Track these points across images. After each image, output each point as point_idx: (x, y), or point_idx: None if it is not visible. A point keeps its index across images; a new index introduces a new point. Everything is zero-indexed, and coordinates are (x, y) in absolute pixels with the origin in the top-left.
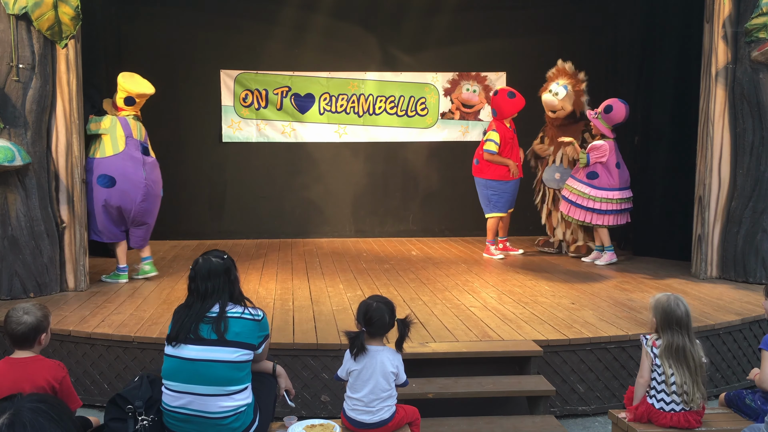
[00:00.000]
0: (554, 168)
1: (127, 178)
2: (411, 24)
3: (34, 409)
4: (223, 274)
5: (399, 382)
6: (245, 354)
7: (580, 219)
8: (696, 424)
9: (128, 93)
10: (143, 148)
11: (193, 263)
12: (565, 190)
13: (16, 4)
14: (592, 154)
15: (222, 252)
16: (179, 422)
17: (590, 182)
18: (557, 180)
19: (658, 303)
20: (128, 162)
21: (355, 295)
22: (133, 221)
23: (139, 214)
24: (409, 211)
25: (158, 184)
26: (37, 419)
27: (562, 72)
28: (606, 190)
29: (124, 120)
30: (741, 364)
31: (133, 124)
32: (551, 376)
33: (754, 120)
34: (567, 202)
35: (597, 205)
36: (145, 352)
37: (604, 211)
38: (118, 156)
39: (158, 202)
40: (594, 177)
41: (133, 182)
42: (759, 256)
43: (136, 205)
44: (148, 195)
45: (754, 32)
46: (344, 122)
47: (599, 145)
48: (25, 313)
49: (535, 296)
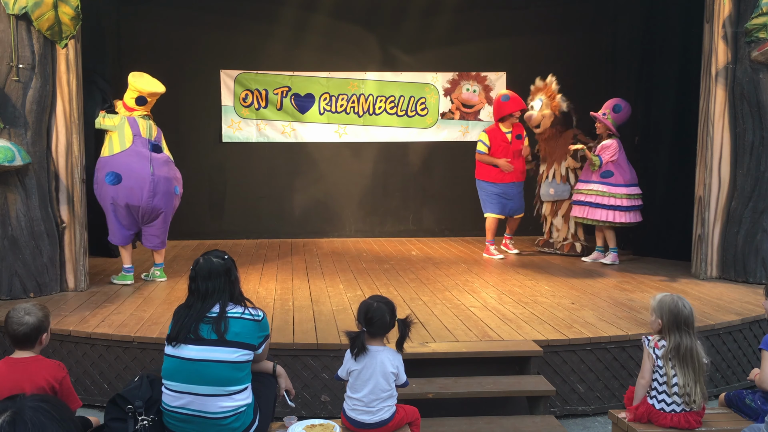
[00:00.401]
0: (548, 183)
1: (132, 173)
2: (411, 24)
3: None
4: (224, 275)
5: (399, 382)
6: (245, 354)
7: (601, 219)
8: (696, 425)
9: (139, 92)
10: (153, 146)
11: (194, 263)
12: (579, 194)
13: (16, 4)
14: (603, 154)
15: (223, 252)
16: (179, 422)
17: (606, 181)
18: (551, 195)
19: (663, 304)
20: (134, 158)
21: (355, 295)
22: (143, 218)
23: (149, 210)
24: (409, 211)
25: (170, 181)
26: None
27: (535, 91)
28: (623, 186)
29: (132, 119)
30: (741, 364)
31: (142, 123)
32: (551, 376)
33: (754, 120)
34: (583, 206)
35: (618, 202)
36: (145, 352)
37: (625, 208)
38: (124, 153)
39: (172, 199)
40: (609, 176)
41: (139, 178)
42: (759, 256)
43: (143, 201)
44: (156, 191)
45: (754, 32)
46: (344, 122)
47: (609, 144)
48: (26, 314)
49: (535, 296)
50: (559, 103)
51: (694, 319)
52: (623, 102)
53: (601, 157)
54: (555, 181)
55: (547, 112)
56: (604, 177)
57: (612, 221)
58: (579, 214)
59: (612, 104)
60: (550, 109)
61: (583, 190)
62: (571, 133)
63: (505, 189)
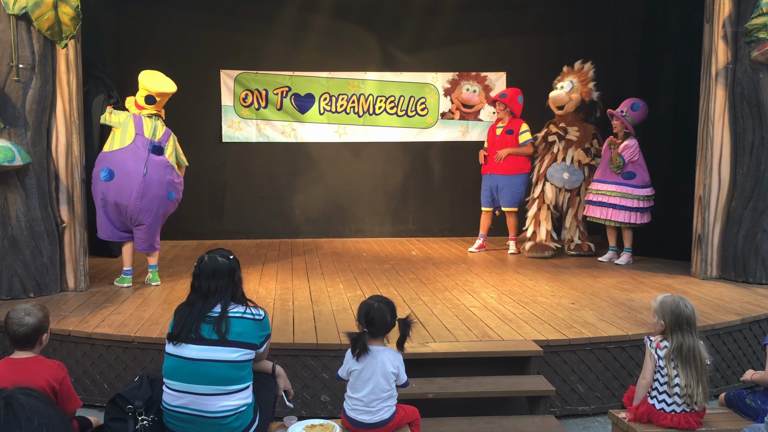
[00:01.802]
0: (563, 166)
1: (125, 172)
2: (411, 24)
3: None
4: (228, 275)
5: (400, 383)
6: (246, 354)
7: (624, 221)
8: (696, 425)
9: (148, 91)
10: (154, 147)
11: (199, 260)
12: (599, 195)
13: (16, 4)
14: (626, 153)
15: (228, 252)
16: (179, 422)
17: (629, 182)
18: (564, 179)
19: (664, 305)
20: (129, 156)
21: (355, 295)
22: (131, 220)
23: (136, 212)
24: (409, 211)
25: (164, 185)
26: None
27: (568, 72)
28: (642, 188)
29: (138, 117)
30: (741, 364)
31: (147, 122)
32: (551, 376)
33: (754, 120)
34: (605, 207)
35: (642, 204)
36: (145, 352)
37: (644, 209)
38: (121, 150)
39: (164, 204)
40: (631, 177)
41: (131, 177)
42: (759, 256)
43: (131, 201)
44: (145, 193)
45: (754, 32)
46: (344, 122)
47: (632, 143)
48: (26, 314)
49: (535, 296)
50: (591, 90)
51: (696, 319)
52: (641, 101)
53: (623, 159)
54: (572, 167)
55: (575, 96)
56: (626, 178)
57: (635, 223)
58: (599, 216)
59: (630, 103)
60: (579, 94)
61: (605, 191)
62: (592, 128)
63: (488, 181)
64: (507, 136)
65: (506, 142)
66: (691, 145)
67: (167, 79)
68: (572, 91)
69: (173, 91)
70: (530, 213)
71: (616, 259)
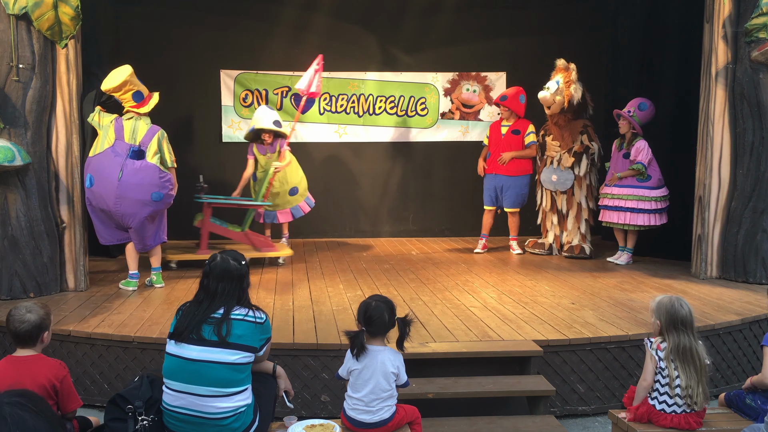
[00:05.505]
0: (551, 170)
1: (102, 178)
2: (411, 24)
3: (13, 403)
4: (237, 280)
5: (400, 383)
6: (246, 356)
7: (644, 224)
8: (696, 425)
9: (108, 93)
10: (133, 152)
11: (211, 258)
12: (617, 200)
13: (16, 4)
14: (641, 156)
15: (241, 256)
16: (179, 422)
17: (645, 184)
18: (553, 182)
19: (660, 305)
20: (105, 162)
21: (355, 295)
22: (119, 225)
23: (119, 216)
24: (409, 211)
25: (143, 188)
26: (16, 412)
27: (557, 70)
28: (659, 188)
29: (119, 121)
30: (741, 364)
31: (127, 125)
32: (551, 376)
33: (754, 120)
34: (622, 211)
35: (660, 205)
36: (145, 352)
37: (661, 210)
38: (100, 155)
39: (145, 206)
40: (648, 179)
41: (106, 183)
42: (759, 256)
43: (110, 206)
44: (122, 198)
45: (754, 32)
46: (344, 122)
47: (642, 145)
48: (27, 312)
49: (535, 296)
50: (572, 93)
51: (693, 320)
52: (647, 100)
53: (643, 163)
54: (559, 168)
55: (559, 99)
56: (641, 180)
57: (655, 225)
58: (617, 221)
59: (637, 102)
60: (562, 96)
61: (620, 195)
62: (581, 123)
63: (492, 180)
64: (513, 136)
65: (512, 142)
66: (691, 145)
67: (115, 71)
68: (557, 93)
69: (121, 81)
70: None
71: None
